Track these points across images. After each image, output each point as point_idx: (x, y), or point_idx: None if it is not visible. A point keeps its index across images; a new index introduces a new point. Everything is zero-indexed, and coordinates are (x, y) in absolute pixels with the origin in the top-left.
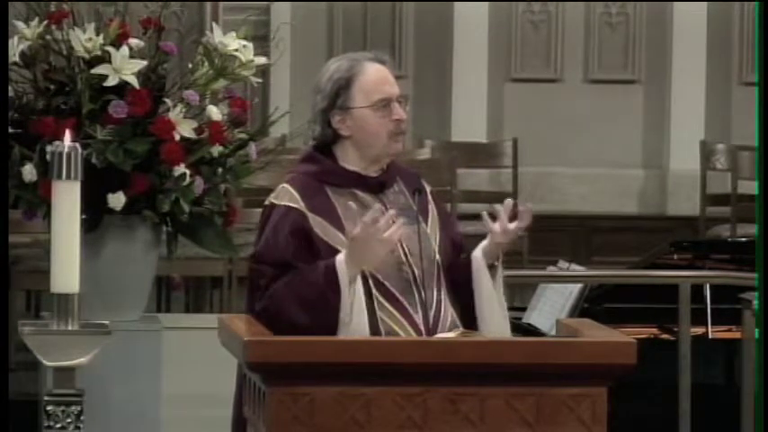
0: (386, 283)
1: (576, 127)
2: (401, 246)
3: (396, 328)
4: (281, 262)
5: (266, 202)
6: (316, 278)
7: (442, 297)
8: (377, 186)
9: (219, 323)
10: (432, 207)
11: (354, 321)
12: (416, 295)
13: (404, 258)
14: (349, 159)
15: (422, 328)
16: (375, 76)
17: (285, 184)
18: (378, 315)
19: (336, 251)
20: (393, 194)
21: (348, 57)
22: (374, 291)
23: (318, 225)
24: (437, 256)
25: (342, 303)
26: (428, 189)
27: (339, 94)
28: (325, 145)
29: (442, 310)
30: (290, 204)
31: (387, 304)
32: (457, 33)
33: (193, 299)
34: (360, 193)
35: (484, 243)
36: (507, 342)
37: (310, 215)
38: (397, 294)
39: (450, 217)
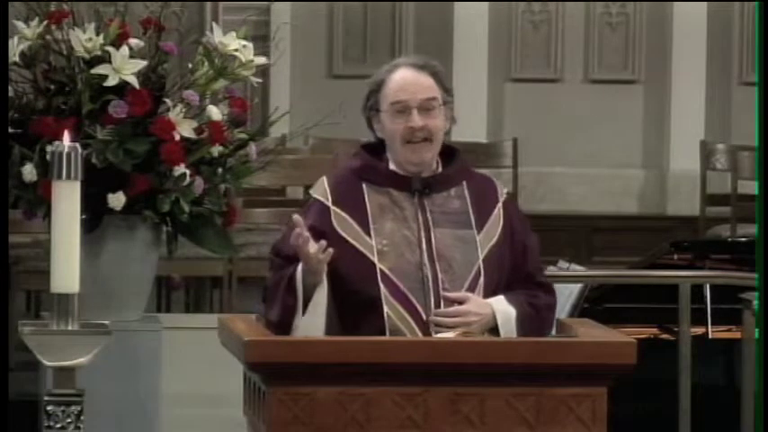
0: (396, 281)
1: (576, 127)
2: (426, 247)
3: (401, 326)
4: (289, 255)
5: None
6: (279, 278)
7: None
8: (421, 188)
9: (219, 323)
10: (500, 217)
11: (302, 326)
12: (432, 297)
13: (426, 260)
14: (391, 159)
15: (431, 329)
16: (397, 81)
17: (323, 177)
18: (385, 311)
19: (348, 245)
20: (442, 198)
21: (394, 60)
22: (382, 287)
23: (338, 218)
24: (480, 263)
25: (297, 306)
26: (501, 199)
27: (371, 96)
28: (381, 142)
29: None
30: (318, 197)
31: (395, 302)
32: (457, 33)
33: (193, 299)
34: (395, 193)
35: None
36: (507, 342)
37: (333, 209)
38: (408, 293)
39: (524, 229)
